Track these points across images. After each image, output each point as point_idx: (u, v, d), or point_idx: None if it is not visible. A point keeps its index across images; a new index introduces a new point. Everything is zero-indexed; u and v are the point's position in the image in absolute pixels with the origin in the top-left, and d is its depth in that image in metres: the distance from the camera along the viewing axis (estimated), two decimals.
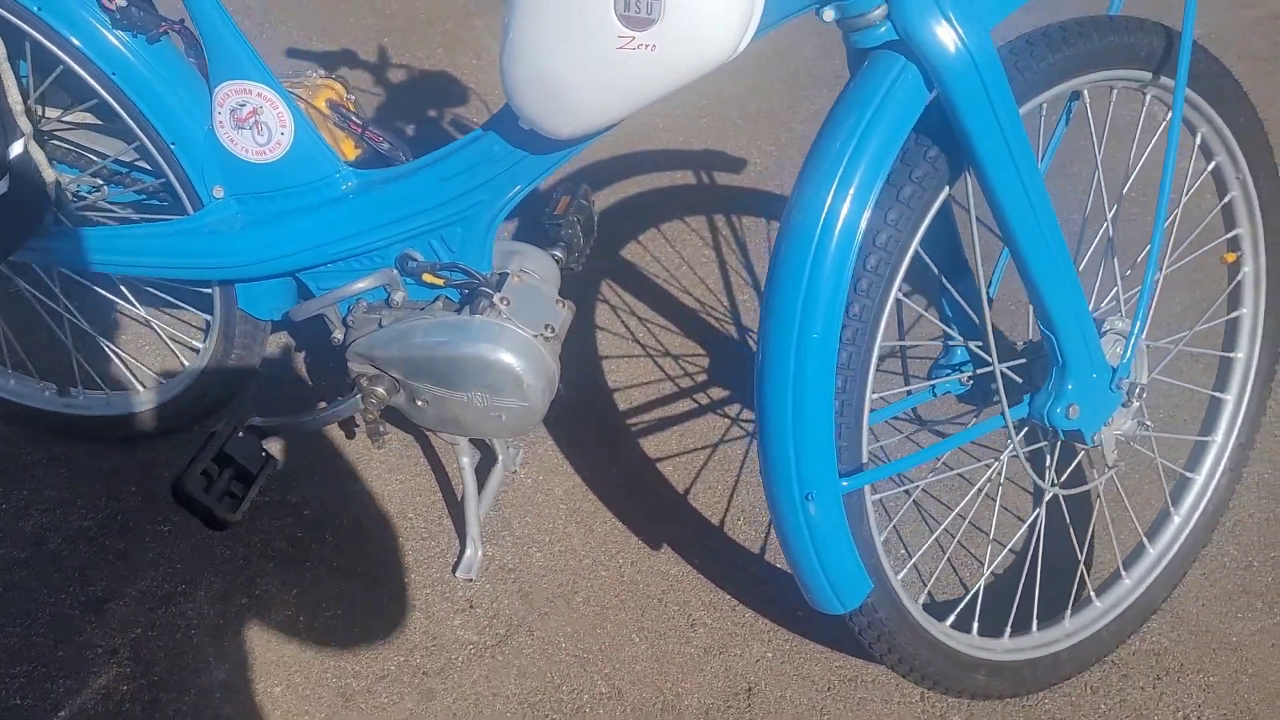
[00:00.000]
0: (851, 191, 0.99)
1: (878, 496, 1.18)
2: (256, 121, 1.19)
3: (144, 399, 1.54)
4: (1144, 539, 1.43)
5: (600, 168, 2.27)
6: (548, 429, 1.72)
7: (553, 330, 1.26)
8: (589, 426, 1.73)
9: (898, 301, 1.08)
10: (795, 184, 1.02)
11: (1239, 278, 1.39)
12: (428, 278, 1.25)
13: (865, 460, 1.10)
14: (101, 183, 1.35)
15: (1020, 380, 1.20)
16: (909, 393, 1.24)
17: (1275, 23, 2.88)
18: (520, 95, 1.03)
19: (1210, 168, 1.31)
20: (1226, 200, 1.33)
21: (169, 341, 1.59)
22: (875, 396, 1.15)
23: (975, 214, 1.06)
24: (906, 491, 1.50)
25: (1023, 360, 1.19)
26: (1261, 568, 1.56)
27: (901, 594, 1.18)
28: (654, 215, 2.16)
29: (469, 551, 1.50)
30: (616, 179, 2.25)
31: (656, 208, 2.19)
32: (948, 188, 1.07)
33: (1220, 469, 1.45)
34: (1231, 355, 1.43)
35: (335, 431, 1.68)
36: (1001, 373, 1.18)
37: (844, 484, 1.07)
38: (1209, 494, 1.45)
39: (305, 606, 1.45)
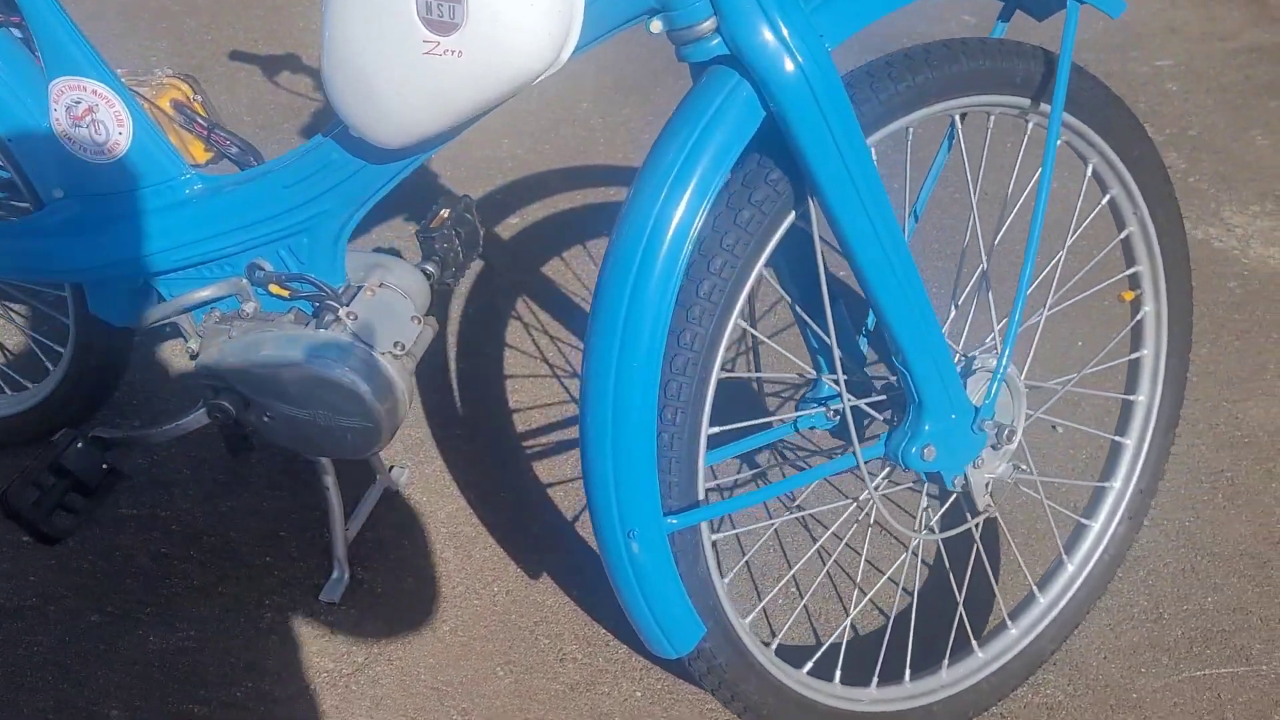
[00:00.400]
0: (677, 216, 0.94)
1: (720, 535, 1.12)
2: (93, 120, 1.14)
3: (3, 404, 1.50)
4: (1034, 587, 1.36)
5: (533, 181, 2.23)
6: (439, 449, 1.66)
7: (403, 348, 1.20)
8: (483, 447, 1.67)
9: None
10: (624, 202, 0.97)
11: (1139, 317, 1.32)
12: (274, 289, 1.20)
13: (702, 497, 1.04)
14: None
15: (882, 418, 1.14)
16: (768, 426, 1.18)
17: (1251, 55, 2.82)
18: (338, 98, 0.98)
19: (1105, 201, 1.25)
20: (1124, 235, 1.27)
21: (35, 346, 1.54)
22: (724, 430, 1.09)
23: (820, 239, 1.01)
24: (743, 533, 1.44)
25: (883, 397, 1.13)
26: (1172, 621, 1.49)
27: (746, 638, 1.11)
28: (581, 231, 2.11)
29: (335, 574, 1.45)
30: (548, 193, 2.20)
31: (584, 223, 2.14)
32: (793, 213, 1.01)
33: (1118, 516, 1.38)
34: (1132, 398, 1.36)
35: (216, 443, 1.62)
36: (861, 410, 1.12)
37: (672, 522, 1.01)
38: (1105, 542, 1.38)
39: (158, 626, 1.40)
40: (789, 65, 0.91)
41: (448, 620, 1.44)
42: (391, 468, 1.60)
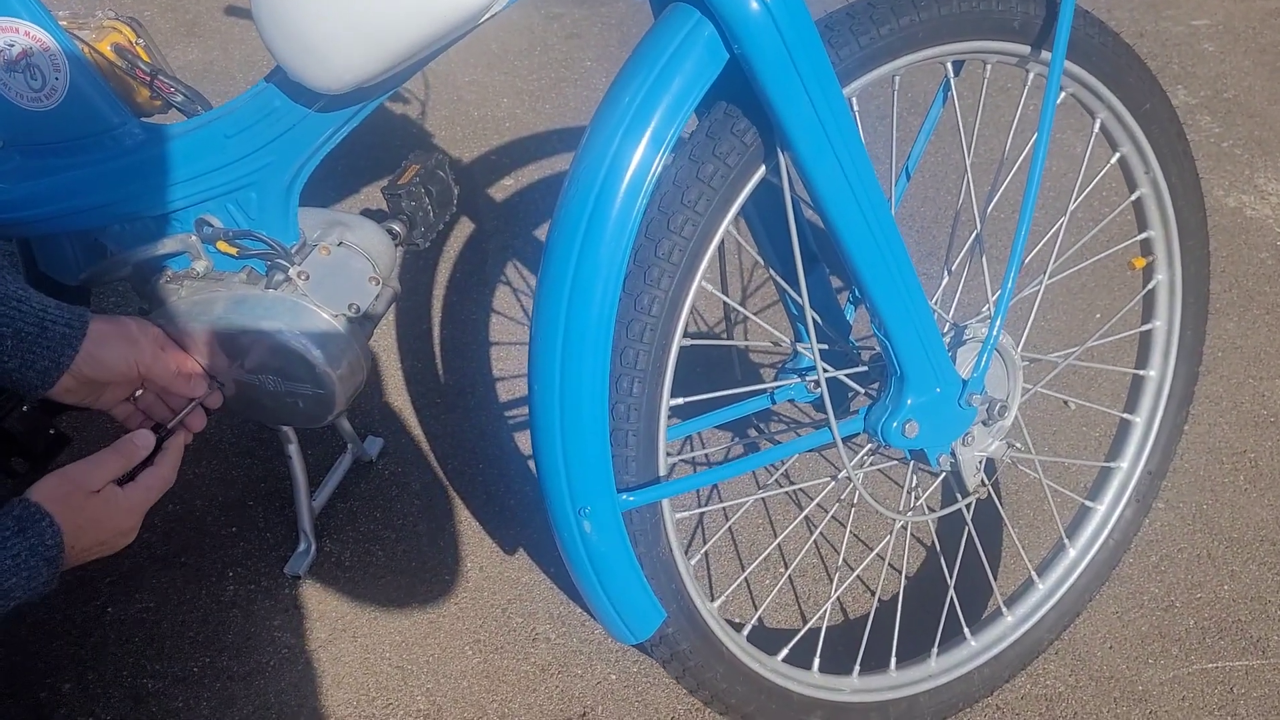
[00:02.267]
0: (632, 165, 0.86)
1: (686, 514, 1.04)
2: (29, 64, 1.07)
3: None
4: (1032, 573, 1.28)
5: (530, 142, 2.15)
6: (417, 418, 1.60)
7: (358, 310, 1.13)
8: (462, 417, 1.61)
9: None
10: (578, 149, 0.89)
11: (1151, 286, 1.23)
12: (222, 246, 1.13)
13: (664, 473, 0.97)
14: None
15: (864, 391, 1.06)
16: (741, 398, 1.10)
17: None
18: (268, 36, 0.91)
19: (1115, 159, 1.15)
20: (1135, 197, 1.18)
21: None
22: (690, 401, 1.02)
23: (792, 197, 0.92)
24: (716, 511, 1.37)
25: (865, 369, 1.05)
26: (1184, 609, 1.40)
27: (712, 623, 1.04)
28: None
29: (301, 546, 1.39)
30: (547, 154, 2.12)
31: None
32: (763, 166, 0.92)
33: (1125, 499, 1.30)
34: (1143, 373, 1.27)
35: None
36: (839, 382, 1.04)
37: (628, 499, 0.94)
38: (1111, 526, 1.30)
39: (116, 597, 1.35)
40: (752, 3, 0.82)
41: (416, 596, 1.38)
42: (366, 437, 1.54)
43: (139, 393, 1.06)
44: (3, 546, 0.83)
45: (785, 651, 1.13)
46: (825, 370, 0.99)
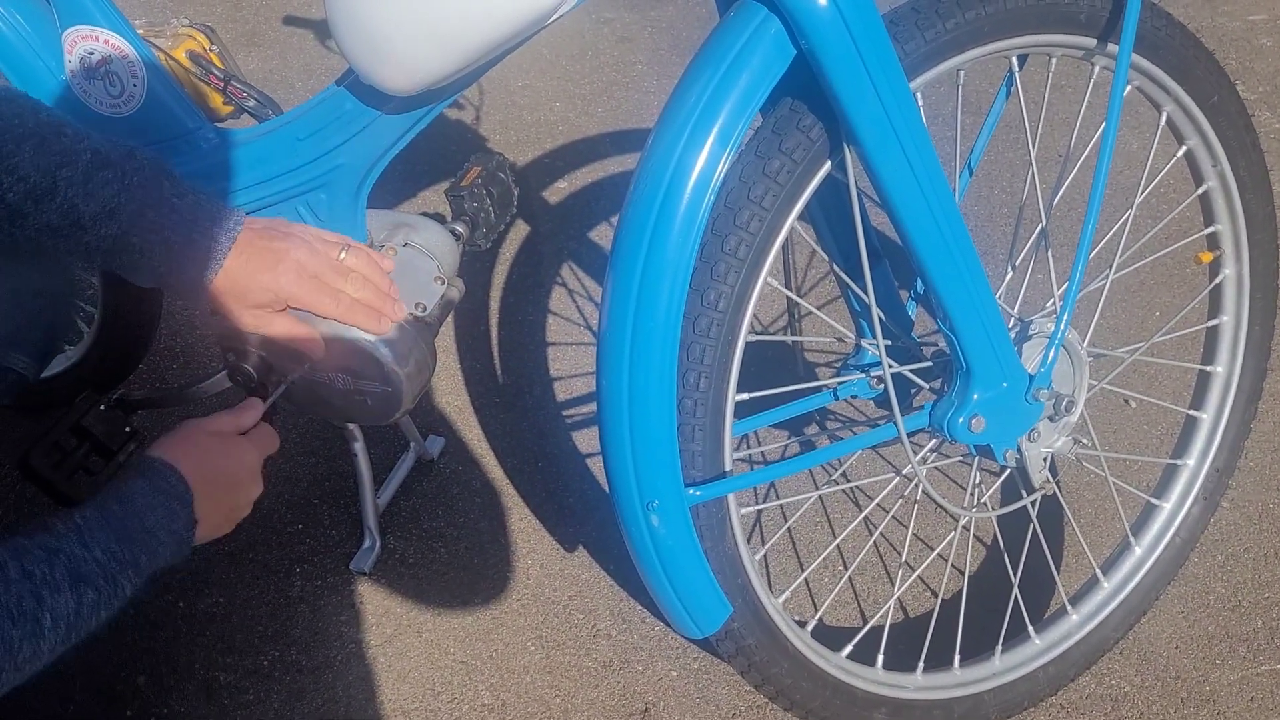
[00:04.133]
0: (699, 164, 0.87)
1: (756, 507, 1.05)
2: (107, 72, 1.10)
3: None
4: (1097, 571, 1.27)
5: (583, 145, 2.17)
6: (477, 417, 1.62)
7: (425, 310, 1.15)
8: (522, 415, 1.62)
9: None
10: (644, 150, 0.90)
11: (1218, 280, 1.22)
12: None
13: (729, 468, 0.98)
14: None
15: (928, 386, 1.06)
16: (805, 394, 1.11)
17: None
18: (343, 40, 0.92)
19: (1182, 153, 1.15)
20: (1202, 191, 1.17)
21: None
22: (755, 396, 1.02)
23: (860, 192, 0.93)
24: (778, 508, 1.37)
25: (930, 364, 1.05)
26: (1251, 610, 1.38)
27: (778, 618, 1.05)
28: None
29: (366, 543, 1.42)
30: (599, 157, 2.14)
31: None
32: (829, 162, 0.93)
33: (1192, 497, 1.28)
34: (1209, 369, 1.26)
35: None
36: (906, 378, 1.04)
37: (695, 493, 0.94)
38: (1177, 524, 1.28)
39: (187, 592, 1.38)
40: None
41: (479, 593, 1.39)
42: (428, 436, 1.56)
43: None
44: (132, 488, 0.85)
45: (849, 648, 1.13)
46: (890, 365, 0.99)
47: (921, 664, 1.17)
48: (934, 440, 1.09)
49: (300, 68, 2.39)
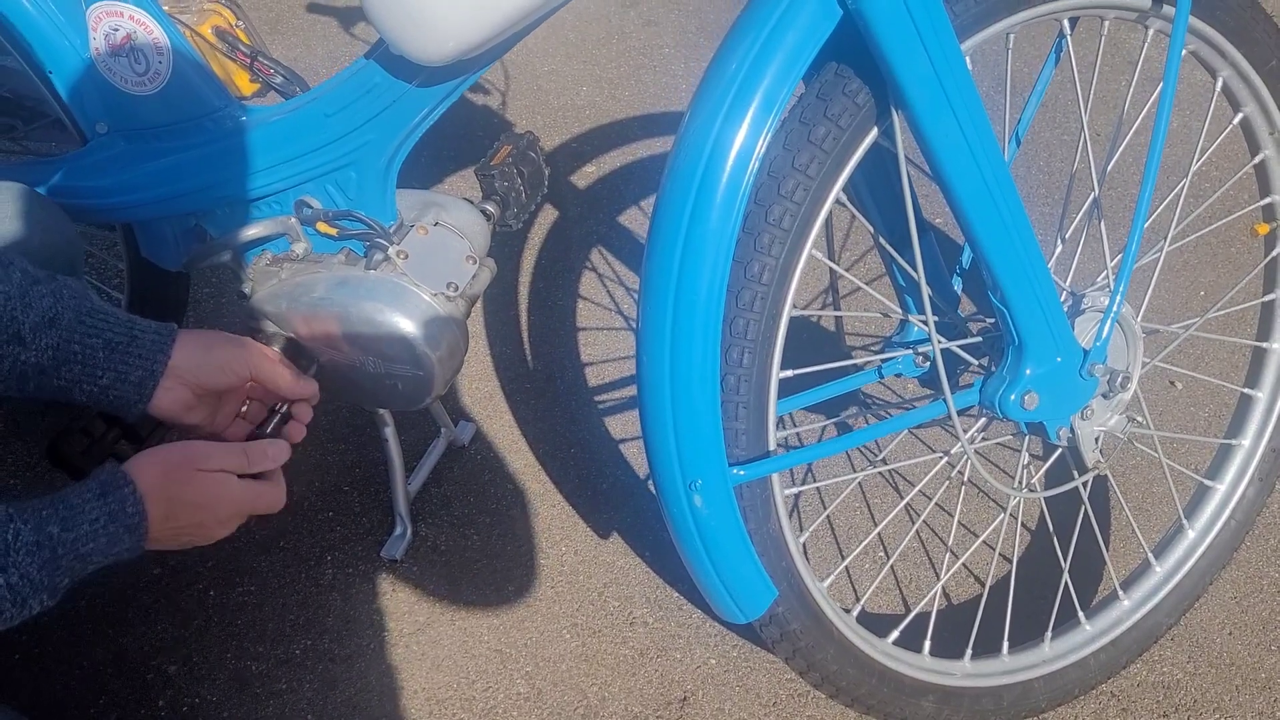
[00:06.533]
0: (741, 132, 0.84)
1: (795, 490, 1.01)
2: (132, 48, 1.08)
3: None
4: (1149, 555, 1.23)
5: (611, 129, 2.14)
6: (508, 403, 1.59)
7: (456, 289, 1.13)
8: (553, 401, 1.60)
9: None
10: (684, 118, 0.87)
11: (1275, 253, 1.17)
12: (322, 227, 1.13)
13: (773, 448, 0.95)
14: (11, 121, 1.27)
15: (977, 364, 1.02)
16: (849, 371, 1.07)
17: None
18: (371, 6, 0.90)
19: (1238, 120, 1.11)
20: (1258, 160, 1.13)
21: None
22: (798, 374, 0.99)
23: (906, 160, 0.89)
24: (822, 488, 1.33)
25: (979, 339, 1.01)
26: None
27: (823, 603, 1.02)
28: (660, 180, 2.01)
29: (397, 530, 1.39)
30: (627, 141, 2.11)
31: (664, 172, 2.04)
32: (875, 129, 0.90)
33: (1247, 478, 1.24)
34: (1265, 345, 1.22)
35: None
36: (953, 354, 1.00)
37: (739, 473, 0.91)
38: (1231, 506, 1.24)
39: (218, 581, 1.36)
40: None
41: (513, 580, 1.37)
42: (458, 422, 1.54)
43: (245, 408, 1.04)
44: (83, 510, 0.81)
45: (895, 634, 1.10)
46: (940, 341, 0.95)
47: (970, 650, 1.13)
48: (981, 420, 1.05)
49: (324, 55, 2.37)
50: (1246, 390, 1.24)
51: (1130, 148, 1.08)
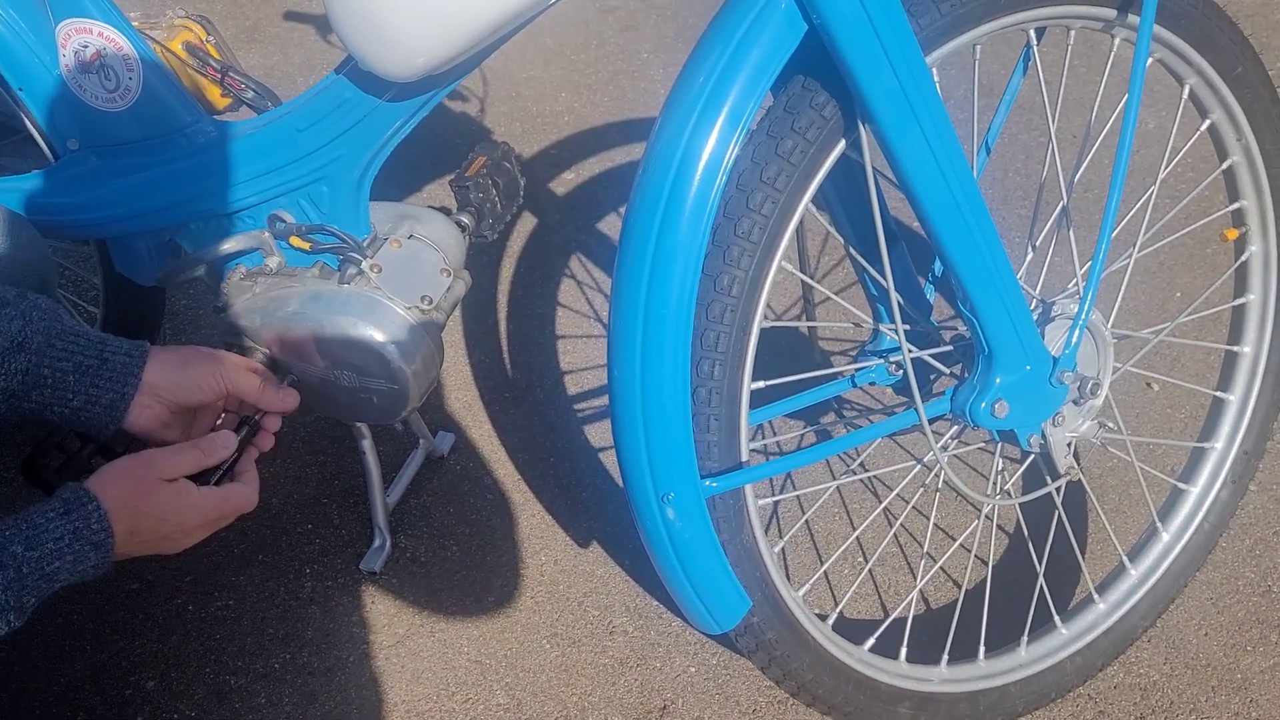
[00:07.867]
0: (709, 145, 0.84)
1: (772, 499, 1.02)
2: (102, 65, 1.08)
3: None
4: (1124, 558, 1.24)
5: (590, 136, 2.14)
6: (486, 413, 1.59)
7: (431, 303, 1.13)
8: (532, 410, 1.60)
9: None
10: (652, 131, 0.88)
11: (1244, 258, 1.18)
12: (295, 241, 1.13)
13: (745, 459, 0.95)
14: None
15: (949, 372, 1.03)
16: (821, 381, 1.08)
17: None
18: (341, 25, 0.90)
19: (1204, 126, 1.11)
20: (1226, 166, 1.14)
21: (69, 309, 1.51)
22: (770, 384, 0.99)
23: (876, 171, 0.90)
24: (795, 498, 1.34)
25: (950, 348, 1.02)
26: None
27: (798, 612, 1.02)
28: None
29: (376, 542, 1.39)
30: (605, 147, 2.11)
31: None
32: (843, 141, 0.90)
33: (1220, 481, 1.25)
34: (1236, 349, 1.23)
35: None
36: (925, 363, 1.01)
37: (711, 484, 0.92)
38: (1205, 508, 1.25)
39: (196, 595, 1.36)
40: None
41: (492, 591, 1.37)
42: (437, 432, 1.54)
43: (220, 419, 1.04)
44: (47, 529, 0.81)
45: (871, 641, 1.10)
46: (910, 350, 0.96)
47: (946, 656, 1.14)
48: (955, 427, 1.06)
49: (301, 63, 2.37)
50: (1219, 393, 1.25)
51: (1100, 155, 1.08)
